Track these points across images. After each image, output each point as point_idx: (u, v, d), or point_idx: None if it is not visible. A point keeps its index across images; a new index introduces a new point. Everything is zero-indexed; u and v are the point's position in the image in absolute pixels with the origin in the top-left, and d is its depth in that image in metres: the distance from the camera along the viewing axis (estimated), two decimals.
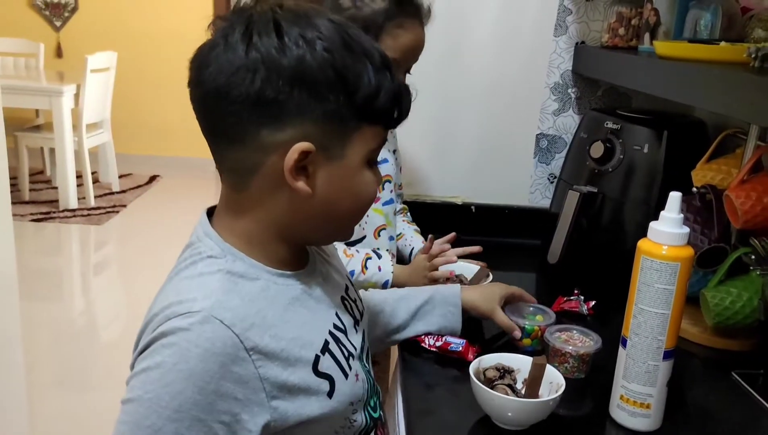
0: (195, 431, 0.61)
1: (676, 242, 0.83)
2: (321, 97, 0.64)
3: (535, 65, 1.56)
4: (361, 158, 0.69)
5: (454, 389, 0.98)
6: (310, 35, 0.64)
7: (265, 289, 0.69)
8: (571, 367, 1.01)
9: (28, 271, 3.30)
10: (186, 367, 0.60)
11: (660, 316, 0.85)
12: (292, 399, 0.67)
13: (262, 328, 0.65)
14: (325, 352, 0.72)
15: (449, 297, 1.07)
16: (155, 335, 0.62)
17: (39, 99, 4.04)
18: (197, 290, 0.65)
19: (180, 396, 0.60)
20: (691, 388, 1.05)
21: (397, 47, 1.14)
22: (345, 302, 0.81)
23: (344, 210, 0.72)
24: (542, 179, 1.63)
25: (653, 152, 1.30)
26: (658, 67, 1.15)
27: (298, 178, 0.66)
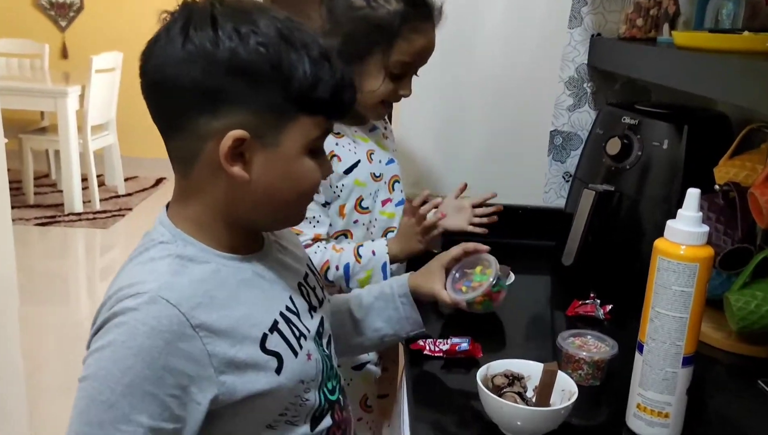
0: (147, 404, 0.67)
1: (694, 241, 0.81)
2: (254, 88, 0.70)
3: (549, 58, 1.53)
4: (299, 146, 0.74)
5: (460, 396, 0.97)
6: (244, 29, 0.69)
7: (216, 271, 0.75)
8: (585, 374, 0.99)
9: (33, 275, 3.33)
10: (134, 344, 0.67)
11: (678, 320, 0.82)
12: (240, 374, 0.73)
13: (210, 307, 0.72)
14: (274, 331, 0.77)
15: (398, 285, 1.05)
16: (107, 316, 0.69)
17: (44, 100, 4.08)
18: (147, 274, 0.72)
19: (130, 371, 0.66)
20: (713, 396, 1.03)
21: (411, 51, 1.16)
22: (302, 288, 0.86)
23: (284, 196, 0.77)
24: (557, 178, 1.61)
25: (673, 148, 1.28)
26: (677, 59, 1.13)
27: (233, 164, 0.72)
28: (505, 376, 0.92)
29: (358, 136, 1.26)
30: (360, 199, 1.24)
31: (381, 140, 1.31)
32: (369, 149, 1.26)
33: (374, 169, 1.26)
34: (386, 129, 1.36)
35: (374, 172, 1.26)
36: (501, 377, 0.91)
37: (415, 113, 1.54)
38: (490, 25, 1.52)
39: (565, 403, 0.86)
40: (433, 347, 1.06)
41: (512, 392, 0.89)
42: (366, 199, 1.24)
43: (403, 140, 1.57)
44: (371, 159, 1.26)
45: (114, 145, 4.55)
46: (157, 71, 0.71)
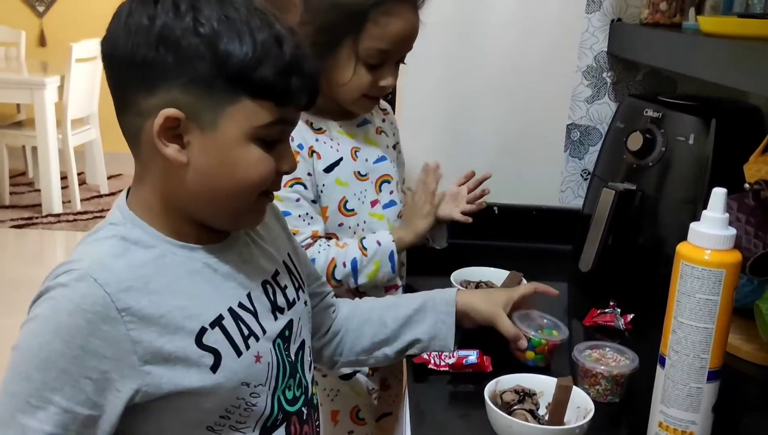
0: (61, 383, 0.70)
1: (720, 246, 0.82)
2: (187, 64, 0.72)
3: (565, 46, 1.54)
4: (241, 133, 0.75)
5: (467, 414, 0.97)
6: (184, 6, 0.72)
7: (159, 257, 0.77)
8: (603, 390, 0.99)
9: (7, 282, 3.35)
10: (55, 319, 0.71)
11: (702, 330, 0.83)
12: (168, 367, 0.74)
13: (142, 292, 0.74)
14: (216, 326, 0.78)
15: (441, 302, 1.06)
16: (42, 289, 0.74)
17: (20, 92, 4.11)
18: (87, 253, 0.75)
19: (47, 347, 0.70)
20: (743, 413, 1.04)
21: (386, 36, 1.14)
22: (266, 286, 0.87)
23: (223, 186, 0.77)
24: (574, 176, 1.62)
25: (700, 144, 1.28)
26: (704, 47, 1.13)
27: (168, 145, 0.74)
28: (515, 391, 0.92)
29: (342, 132, 1.26)
30: (344, 200, 1.23)
31: (372, 136, 1.31)
32: (354, 146, 1.26)
33: (359, 167, 1.26)
34: (384, 122, 1.35)
35: (359, 170, 1.25)
36: (511, 393, 0.92)
37: (421, 107, 1.55)
38: (502, 10, 1.52)
39: (580, 421, 0.87)
40: (438, 361, 1.06)
41: (523, 409, 0.89)
42: (350, 200, 1.24)
43: (409, 136, 1.57)
44: (356, 157, 1.25)
45: (96, 140, 4.57)
46: (104, 45, 0.75)
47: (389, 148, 1.34)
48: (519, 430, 0.85)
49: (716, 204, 0.82)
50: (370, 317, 1.06)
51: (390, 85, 1.20)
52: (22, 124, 4.49)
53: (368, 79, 1.17)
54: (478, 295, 1.09)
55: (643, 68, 1.56)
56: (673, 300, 0.85)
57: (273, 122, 0.76)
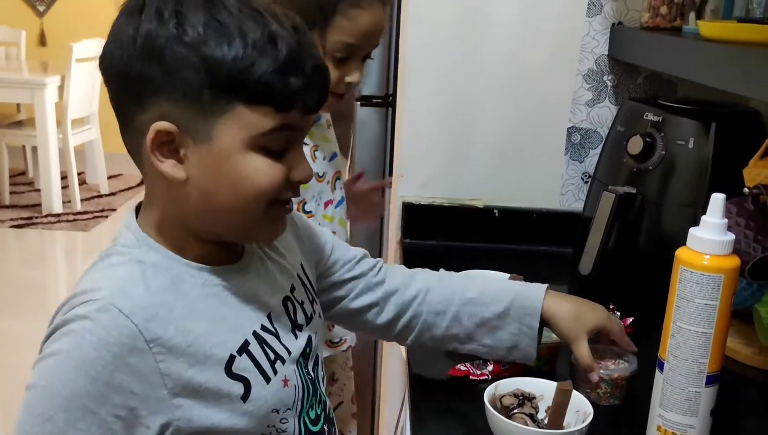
0: (88, 423, 0.65)
1: (719, 251, 0.82)
2: (173, 73, 0.68)
3: (566, 49, 1.54)
4: (239, 142, 0.70)
5: (466, 418, 0.98)
6: (167, 12, 0.68)
7: (178, 281, 0.73)
8: (603, 393, 1.00)
9: (7, 282, 3.36)
10: (78, 354, 0.66)
11: (701, 335, 0.83)
12: (198, 399, 0.71)
13: (168, 319, 0.70)
14: (243, 353, 0.75)
15: (527, 314, 0.98)
16: (58, 323, 0.69)
17: (20, 92, 4.12)
18: (103, 280, 0.71)
19: (71, 384, 0.66)
20: (742, 417, 1.04)
21: (355, 30, 1.13)
22: (287, 304, 0.84)
23: (224, 200, 0.73)
24: (575, 179, 1.62)
25: (700, 147, 1.28)
26: (703, 51, 1.14)
27: (163, 161, 0.70)
28: (514, 395, 0.93)
29: None
30: (303, 202, 1.23)
31: (325, 132, 1.29)
32: (313, 145, 1.25)
33: (318, 168, 1.24)
34: (328, 115, 1.34)
35: (318, 172, 1.25)
36: (510, 397, 0.92)
37: (422, 110, 1.55)
38: (503, 13, 1.52)
39: (579, 425, 0.87)
40: (477, 371, 1.05)
41: (522, 413, 0.90)
42: (309, 202, 1.24)
43: (408, 139, 1.58)
44: (315, 156, 1.24)
45: (96, 140, 4.58)
46: (101, 62, 0.73)
47: (336, 143, 1.33)
48: (519, 434, 0.86)
49: (715, 209, 0.83)
50: (445, 310, 0.99)
51: (356, 81, 1.18)
52: (22, 124, 4.50)
53: (335, 75, 1.15)
54: (568, 306, 1.00)
55: (644, 72, 1.56)
56: (672, 305, 0.86)
57: (274, 129, 0.71)
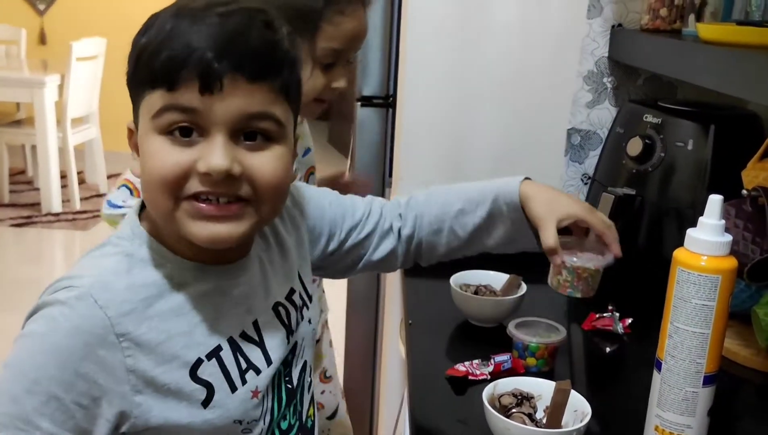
0: (51, 408, 0.67)
1: (716, 252, 0.83)
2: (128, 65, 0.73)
3: (566, 51, 1.55)
4: (145, 126, 0.72)
5: (466, 417, 0.98)
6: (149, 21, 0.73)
7: (167, 278, 0.73)
8: (563, 280, 1.00)
9: (6, 280, 3.36)
10: (52, 339, 0.68)
11: (698, 335, 0.84)
12: (159, 398, 0.71)
13: (143, 316, 0.70)
14: (213, 358, 0.74)
15: (510, 210, 0.99)
16: (40, 303, 0.70)
17: (19, 91, 4.13)
18: (89, 268, 0.72)
19: (41, 368, 0.67)
20: (740, 418, 1.05)
21: (340, 35, 1.15)
22: (278, 309, 0.84)
23: (145, 188, 0.74)
24: (574, 180, 1.63)
25: (698, 149, 1.29)
26: (702, 54, 1.15)
27: (136, 158, 0.74)
28: (513, 395, 0.93)
29: None
30: None
31: (300, 128, 1.29)
32: None
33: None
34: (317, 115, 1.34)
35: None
36: (509, 396, 0.93)
37: (422, 110, 1.56)
38: (503, 14, 1.53)
39: (577, 424, 0.87)
40: (476, 371, 1.05)
41: (521, 413, 0.90)
42: None
43: (409, 139, 1.58)
44: None
45: (96, 139, 4.59)
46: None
47: (309, 137, 1.34)
48: (517, 433, 0.86)
49: (713, 211, 0.84)
50: (441, 227, 1.02)
51: (343, 86, 1.20)
52: (21, 123, 4.51)
53: (322, 81, 1.18)
54: (545, 193, 0.99)
55: (644, 74, 1.57)
56: (669, 305, 0.86)
57: (163, 108, 0.69)
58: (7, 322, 2.82)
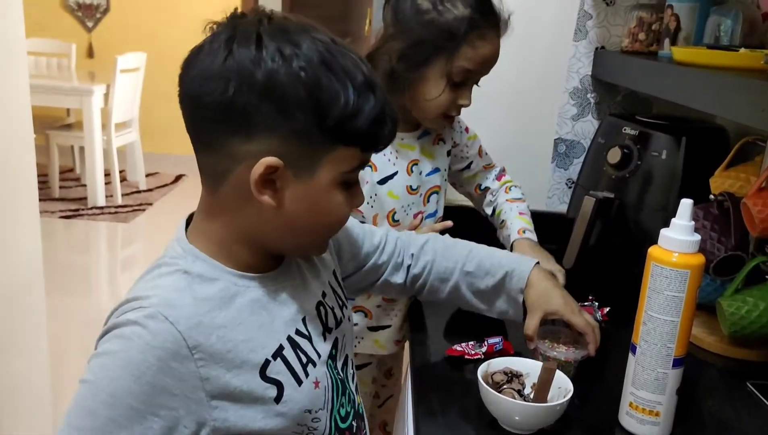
0: (129, 420, 0.63)
1: (686, 250, 0.83)
2: (290, 115, 0.64)
3: (555, 69, 1.56)
4: (331, 178, 0.69)
5: (462, 392, 0.99)
6: (288, 51, 0.64)
7: (223, 290, 0.70)
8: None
9: (57, 266, 3.38)
10: (126, 356, 0.64)
11: (669, 323, 0.84)
12: (234, 402, 0.68)
13: (210, 327, 0.67)
14: (278, 357, 0.72)
15: (515, 289, 0.98)
16: (110, 326, 0.67)
17: (70, 98, 4.13)
18: (153, 289, 0.68)
19: (117, 382, 0.63)
20: (704, 397, 1.04)
21: (477, 58, 1.10)
22: (319, 308, 0.81)
23: (309, 228, 0.72)
24: (560, 184, 1.63)
25: (671, 159, 1.29)
26: (676, 73, 1.15)
27: (263, 192, 0.67)
28: (504, 373, 0.93)
29: (403, 145, 1.19)
30: (393, 211, 1.19)
31: (430, 147, 1.24)
32: (413, 160, 1.20)
33: (412, 181, 1.20)
34: (446, 130, 1.27)
35: (411, 185, 1.20)
36: (500, 374, 0.93)
37: None
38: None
39: (560, 399, 0.88)
40: (471, 351, 1.05)
41: (511, 389, 0.91)
42: (398, 212, 1.20)
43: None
44: (411, 171, 1.20)
45: (136, 142, 4.60)
46: (193, 82, 0.66)
47: (443, 157, 1.27)
48: (507, 407, 0.87)
49: (683, 213, 0.84)
50: (449, 278, 1.01)
51: (468, 104, 1.15)
52: (71, 127, 4.51)
53: (450, 97, 1.12)
54: (545, 285, 0.99)
55: (623, 90, 1.57)
56: (644, 296, 0.86)
57: (357, 167, 0.70)
58: (57, 303, 2.85)
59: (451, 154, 1.31)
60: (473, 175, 1.37)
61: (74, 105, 4.18)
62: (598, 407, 0.98)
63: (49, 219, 4.02)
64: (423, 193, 1.23)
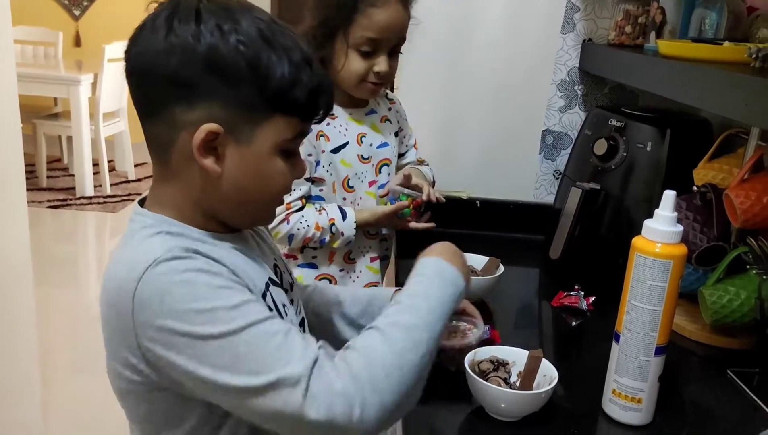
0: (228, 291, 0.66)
1: (669, 240, 0.84)
2: (231, 84, 0.68)
3: (542, 62, 1.56)
4: (271, 146, 0.72)
5: (450, 380, 1.00)
6: (226, 27, 0.68)
7: (203, 241, 0.73)
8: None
9: (44, 257, 3.36)
10: (177, 276, 0.66)
11: (652, 312, 0.86)
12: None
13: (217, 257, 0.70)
14: (267, 293, 0.77)
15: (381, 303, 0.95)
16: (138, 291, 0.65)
17: (57, 87, 4.09)
18: (144, 252, 0.68)
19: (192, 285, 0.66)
20: (685, 384, 1.06)
21: (373, 26, 1.16)
22: (276, 270, 0.85)
23: (252, 195, 0.75)
24: (547, 175, 1.64)
25: (656, 150, 1.30)
26: (661, 67, 1.16)
27: (205, 157, 0.70)
28: (490, 361, 0.95)
29: (352, 119, 1.29)
30: (347, 178, 1.29)
31: (377, 123, 1.34)
32: (361, 132, 1.30)
33: (362, 151, 1.30)
34: (390, 111, 1.38)
35: (362, 154, 1.30)
36: (487, 363, 0.94)
37: (414, 113, 1.57)
38: (487, 30, 1.54)
39: (546, 387, 0.89)
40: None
41: (497, 377, 0.92)
42: (352, 178, 1.29)
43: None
44: (361, 142, 1.30)
45: (125, 131, 4.57)
46: (138, 58, 0.70)
47: (391, 135, 1.37)
48: (493, 394, 0.88)
49: (667, 204, 0.85)
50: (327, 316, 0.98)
51: (383, 70, 1.21)
52: (58, 116, 4.48)
53: (363, 65, 1.20)
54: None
55: (610, 83, 1.58)
56: (627, 285, 0.88)
57: (296, 136, 0.74)
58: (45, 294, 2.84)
59: (398, 136, 1.40)
60: (406, 163, 1.46)
61: (61, 94, 4.15)
62: (581, 394, 0.99)
63: (36, 209, 3.99)
64: (374, 163, 1.32)
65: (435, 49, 1.54)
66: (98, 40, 4.48)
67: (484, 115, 1.59)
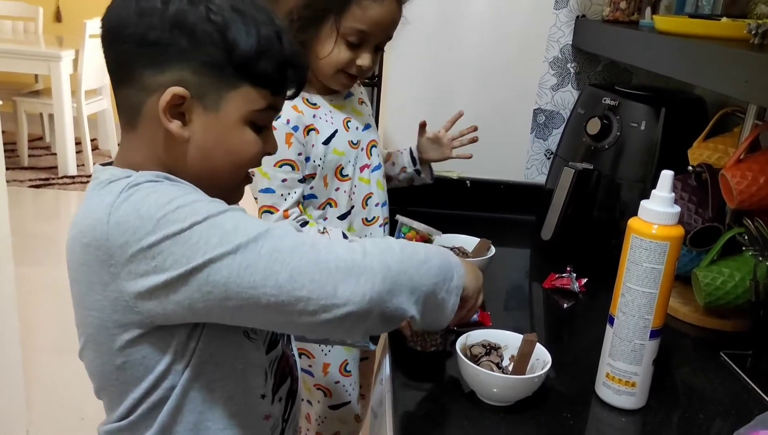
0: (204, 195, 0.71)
1: (666, 221, 0.83)
2: (199, 48, 0.70)
3: (534, 39, 1.53)
4: (240, 115, 0.74)
5: (441, 365, 0.98)
6: None
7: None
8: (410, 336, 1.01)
9: (26, 236, 3.31)
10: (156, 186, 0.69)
11: (647, 295, 0.84)
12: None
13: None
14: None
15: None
16: (112, 216, 0.68)
17: (37, 64, 4.01)
18: (113, 189, 0.69)
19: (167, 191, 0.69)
20: (679, 367, 1.06)
21: (367, 19, 1.12)
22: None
23: (218, 163, 0.76)
24: (539, 155, 1.62)
25: (650, 130, 1.29)
26: (657, 43, 1.13)
27: (171, 120, 0.72)
28: (482, 345, 0.93)
29: (334, 106, 1.25)
30: (340, 167, 1.24)
31: (356, 106, 1.30)
32: (345, 117, 1.26)
33: (351, 136, 1.26)
34: (362, 94, 1.35)
35: (351, 139, 1.26)
36: (479, 347, 0.93)
37: (404, 90, 1.54)
38: (477, 6, 1.51)
39: (539, 371, 0.88)
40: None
41: (489, 361, 0.90)
42: (346, 166, 1.25)
43: (392, 117, 1.56)
44: (348, 127, 1.25)
45: (108, 109, 4.50)
46: (111, 22, 0.72)
47: (371, 117, 1.33)
48: (485, 379, 0.87)
49: (664, 184, 0.83)
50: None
51: (366, 65, 1.17)
52: (39, 93, 4.40)
53: (347, 56, 1.15)
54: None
55: (603, 60, 1.56)
56: (623, 267, 0.86)
57: (266, 108, 0.75)
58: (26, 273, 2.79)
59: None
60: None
61: (42, 71, 4.07)
62: (574, 378, 0.98)
63: (18, 188, 3.93)
64: (364, 146, 1.29)
65: (425, 26, 1.50)
66: (79, 15, 4.38)
67: (475, 93, 1.57)
